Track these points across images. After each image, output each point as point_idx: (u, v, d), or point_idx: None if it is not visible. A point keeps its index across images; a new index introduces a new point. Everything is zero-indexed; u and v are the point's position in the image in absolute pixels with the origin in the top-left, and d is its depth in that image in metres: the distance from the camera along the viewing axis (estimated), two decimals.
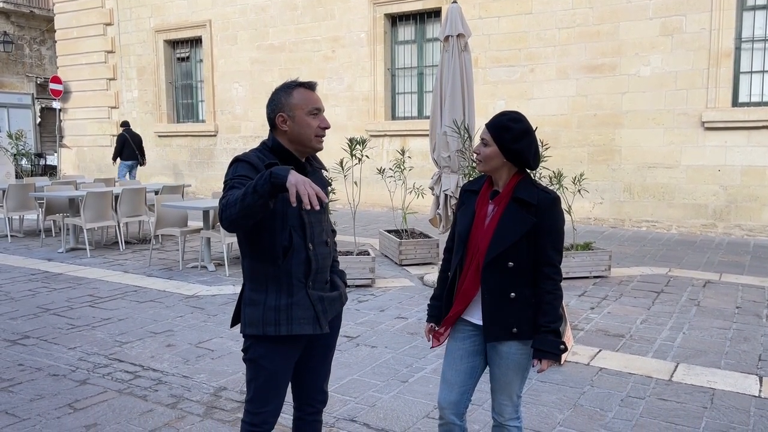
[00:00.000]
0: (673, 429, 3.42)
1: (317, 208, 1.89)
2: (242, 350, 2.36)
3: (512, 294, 2.33)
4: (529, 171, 2.41)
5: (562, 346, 2.32)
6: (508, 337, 2.35)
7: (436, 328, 2.57)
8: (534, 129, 2.39)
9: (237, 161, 2.23)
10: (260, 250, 2.25)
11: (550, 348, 2.30)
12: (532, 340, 2.35)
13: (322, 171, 2.47)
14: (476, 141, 6.50)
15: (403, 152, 7.93)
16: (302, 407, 2.54)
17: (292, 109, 2.27)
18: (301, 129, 2.28)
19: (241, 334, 2.33)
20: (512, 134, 2.32)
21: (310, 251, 2.28)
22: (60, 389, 3.97)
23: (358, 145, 6.74)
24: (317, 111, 2.30)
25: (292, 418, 2.61)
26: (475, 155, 2.43)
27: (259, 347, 2.29)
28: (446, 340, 2.55)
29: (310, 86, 2.32)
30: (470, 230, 2.40)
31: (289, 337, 2.27)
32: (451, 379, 2.47)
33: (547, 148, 6.30)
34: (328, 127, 2.34)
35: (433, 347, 2.61)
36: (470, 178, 5.58)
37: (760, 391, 3.93)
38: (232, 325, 2.44)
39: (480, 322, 2.39)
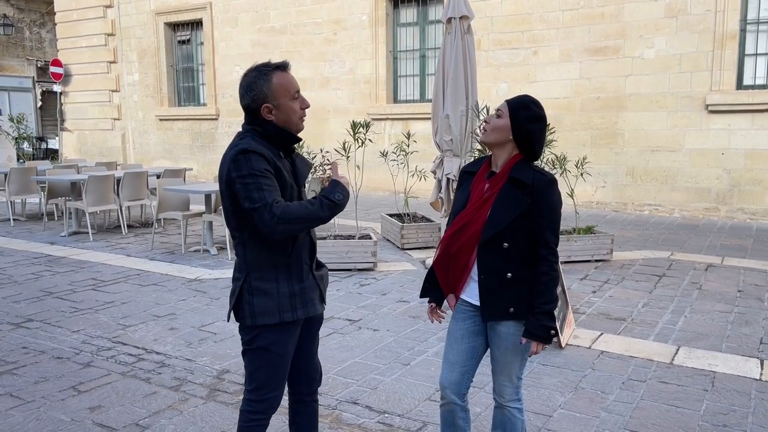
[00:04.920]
0: (673, 412, 3.44)
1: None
2: (246, 341, 2.29)
3: (509, 274, 2.33)
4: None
5: (552, 331, 2.33)
6: (506, 317, 2.36)
7: (441, 310, 2.60)
8: (548, 123, 2.39)
9: (248, 153, 2.12)
10: (268, 240, 2.18)
11: (539, 332, 2.32)
12: None
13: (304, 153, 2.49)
14: None
15: (408, 136, 7.88)
16: (299, 389, 2.54)
17: (276, 98, 2.20)
18: (286, 116, 2.23)
19: (247, 326, 2.26)
20: (529, 114, 2.32)
21: (311, 234, 2.33)
22: (64, 372, 3.99)
23: (361, 129, 6.72)
24: (297, 93, 2.25)
25: (288, 403, 2.60)
26: (483, 124, 2.41)
27: (270, 335, 2.25)
28: (451, 310, 2.57)
29: (285, 68, 2.24)
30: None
31: (296, 320, 2.29)
32: (452, 359, 2.48)
33: (553, 132, 6.26)
34: (308, 106, 2.30)
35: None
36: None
37: (761, 374, 3.94)
38: (230, 318, 2.35)
39: (478, 303, 2.41)
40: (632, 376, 3.93)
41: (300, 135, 2.34)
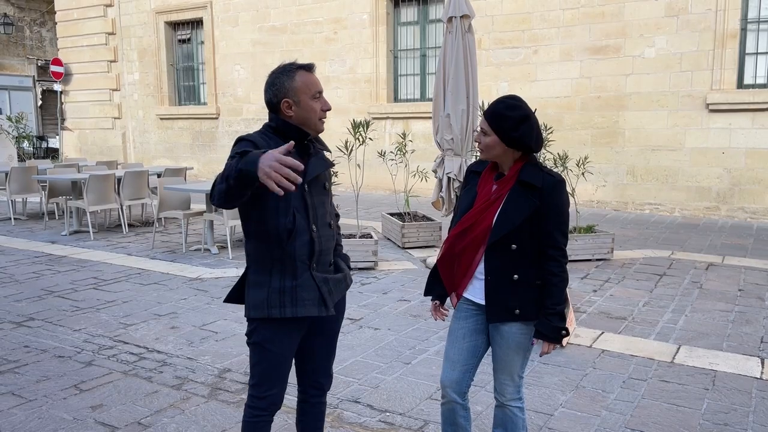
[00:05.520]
0: (674, 410, 3.44)
1: (298, 182, 1.81)
2: (246, 334, 2.35)
3: (515, 276, 2.33)
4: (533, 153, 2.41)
5: (564, 332, 2.33)
6: (511, 318, 2.36)
7: (443, 307, 2.61)
8: (533, 111, 2.37)
9: (240, 140, 2.22)
10: (264, 232, 2.24)
11: (551, 332, 2.32)
12: (534, 321, 2.36)
13: (325, 152, 2.44)
14: None
15: (404, 136, 7.90)
16: (307, 390, 2.55)
17: (297, 94, 2.24)
18: (306, 114, 2.26)
19: (246, 318, 2.33)
20: (511, 122, 2.29)
21: (313, 233, 2.28)
22: (66, 371, 4.00)
23: (361, 128, 6.72)
24: (319, 94, 2.29)
25: (296, 401, 2.63)
26: (476, 144, 2.41)
27: (264, 330, 2.28)
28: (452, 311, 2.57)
29: (309, 68, 2.30)
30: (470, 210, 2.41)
31: (293, 319, 2.27)
32: (453, 357, 2.48)
33: (551, 132, 6.29)
34: (329, 109, 2.33)
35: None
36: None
37: (761, 373, 3.95)
38: (227, 300, 2.41)
39: (482, 302, 2.40)
40: (633, 374, 3.93)
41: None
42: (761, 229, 8.97)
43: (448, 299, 2.58)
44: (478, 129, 2.41)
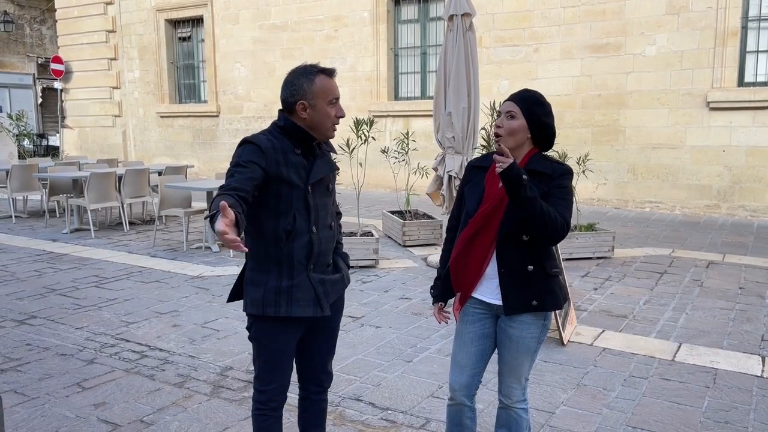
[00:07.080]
0: (675, 408, 3.45)
1: (240, 249, 1.81)
2: (246, 328, 2.40)
3: (530, 267, 2.30)
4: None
5: (524, 176, 2.13)
6: (529, 309, 2.33)
7: (444, 310, 2.59)
8: None
9: (245, 143, 2.20)
10: (264, 232, 2.25)
11: (514, 174, 2.11)
12: (550, 311, 2.37)
13: (331, 154, 2.43)
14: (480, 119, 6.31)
15: (407, 135, 7.91)
16: (307, 387, 2.58)
17: (314, 98, 2.23)
18: (320, 118, 2.25)
19: (245, 313, 2.36)
20: (544, 109, 2.32)
21: (313, 234, 2.28)
22: (68, 368, 4.01)
23: (364, 126, 6.73)
24: (336, 100, 2.28)
25: (297, 399, 2.64)
26: (496, 128, 2.33)
27: (261, 327, 2.32)
28: (456, 319, 2.54)
29: (330, 74, 2.28)
30: (479, 208, 2.36)
31: (289, 318, 2.28)
32: (462, 361, 2.47)
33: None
34: (343, 116, 2.32)
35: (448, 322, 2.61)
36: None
37: (762, 371, 3.96)
38: (229, 300, 2.43)
39: (493, 301, 2.38)
40: (634, 373, 3.94)
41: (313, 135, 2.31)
42: (762, 227, 8.97)
43: (450, 301, 2.56)
44: (501, 114, 2.33)
